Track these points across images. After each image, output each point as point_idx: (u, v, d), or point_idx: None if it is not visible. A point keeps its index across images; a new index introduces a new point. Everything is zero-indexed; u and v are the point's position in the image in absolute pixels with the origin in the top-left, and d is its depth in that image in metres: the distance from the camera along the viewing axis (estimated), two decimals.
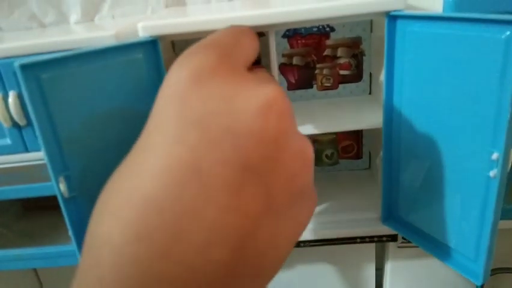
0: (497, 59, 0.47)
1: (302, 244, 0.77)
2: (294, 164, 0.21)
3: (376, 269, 0.95)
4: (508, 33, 0.44)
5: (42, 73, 0.53)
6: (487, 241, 0.54)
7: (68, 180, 0.58)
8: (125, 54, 0.59)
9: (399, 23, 0.59)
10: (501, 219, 0.56)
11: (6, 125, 0.63)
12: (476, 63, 0.50)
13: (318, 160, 0.92)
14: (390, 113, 0.64)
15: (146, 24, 0.60)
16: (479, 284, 0.55)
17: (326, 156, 0.92)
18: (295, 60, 0.83)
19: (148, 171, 0.19)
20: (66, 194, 0.58)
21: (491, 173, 0.51)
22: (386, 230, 0.72)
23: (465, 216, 0.57)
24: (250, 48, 0.28)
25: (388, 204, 0.71)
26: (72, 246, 0.58)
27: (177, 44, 0.80)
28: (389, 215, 0.73)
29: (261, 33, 0.80)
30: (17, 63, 0.50)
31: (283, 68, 0.84)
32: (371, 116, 0.73)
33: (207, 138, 0.17)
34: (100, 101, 0.58)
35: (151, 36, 0.61)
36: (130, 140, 0.61)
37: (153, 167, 0.19)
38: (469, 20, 0.48)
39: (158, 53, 0.61)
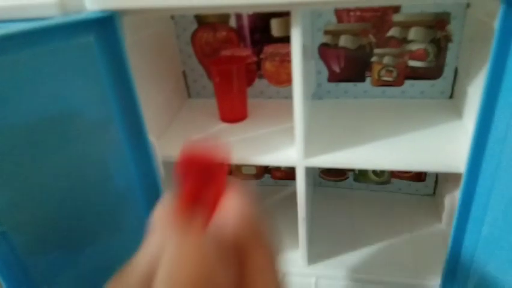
0: None
1: None
2: None
3: None
4: None
5: None
6: None
7: None
8: (67, 37, 0.39)
9: None
10: None
11: None
12: None
13: (361, 175, 0.69)
14: (482, 148, 0.40)
15: None
16: None
17: (373, 171, 0.69)
18: (344, 41, 0.58)
19: None
20: None
21: None
22: None
23: None
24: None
25: (452, 268, 0.49)
26: None
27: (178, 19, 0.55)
28: (451, 281, 0.50)
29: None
30: None
31: (325, 51, 0.59)
32: (450, 145, 0.48)
33: None
34: (31, 103, 0.39)
35: (103, 11, 0.39)
36: (75, 156, 0.42)
37: None
38: None
39: (116, 35, 0.40)
